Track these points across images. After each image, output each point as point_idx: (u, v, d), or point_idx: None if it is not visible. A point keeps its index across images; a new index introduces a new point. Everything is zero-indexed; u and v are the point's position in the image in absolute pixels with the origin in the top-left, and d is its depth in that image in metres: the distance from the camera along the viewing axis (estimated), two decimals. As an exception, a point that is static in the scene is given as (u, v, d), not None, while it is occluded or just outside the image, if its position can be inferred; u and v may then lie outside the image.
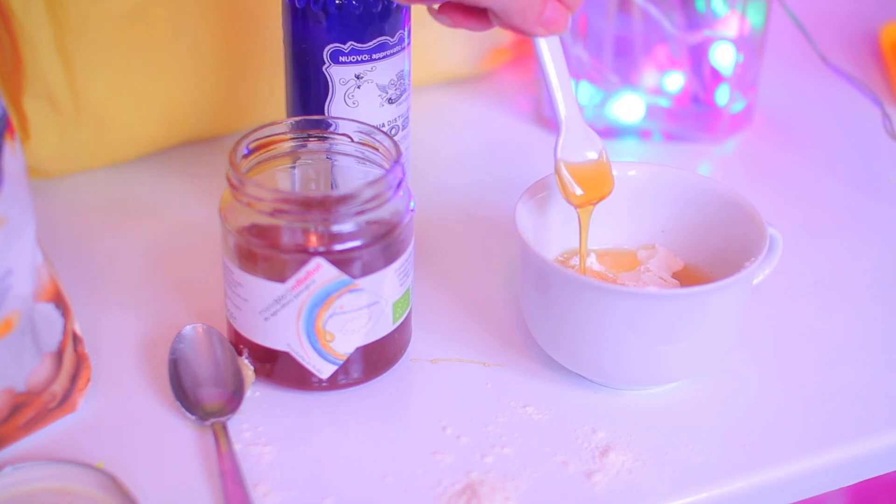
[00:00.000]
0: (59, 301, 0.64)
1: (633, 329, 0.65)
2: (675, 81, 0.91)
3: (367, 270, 0.65)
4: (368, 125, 0.69)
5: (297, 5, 0.72)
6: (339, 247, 0.64)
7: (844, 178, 0.90)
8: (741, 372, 0.71)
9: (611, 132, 0.92)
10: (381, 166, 0.68)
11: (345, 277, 0.64)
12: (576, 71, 0.90)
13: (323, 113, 0.74)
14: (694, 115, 0.92)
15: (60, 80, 0.82)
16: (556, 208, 0.72)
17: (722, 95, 0.92)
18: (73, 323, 0.66)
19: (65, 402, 0.66)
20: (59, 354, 0.65)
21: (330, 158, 0.70)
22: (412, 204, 0.67)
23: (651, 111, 0.92)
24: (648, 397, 0.69)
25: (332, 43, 0.72)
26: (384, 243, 0.65)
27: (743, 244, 0.69)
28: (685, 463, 0.65)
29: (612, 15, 0.89)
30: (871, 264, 0.81)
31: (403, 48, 0.74)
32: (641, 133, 0.93)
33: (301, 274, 0.63)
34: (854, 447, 0.67)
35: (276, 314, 0.65)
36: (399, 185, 0.66)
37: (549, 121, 0.93)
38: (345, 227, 0.64)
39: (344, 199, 0.64)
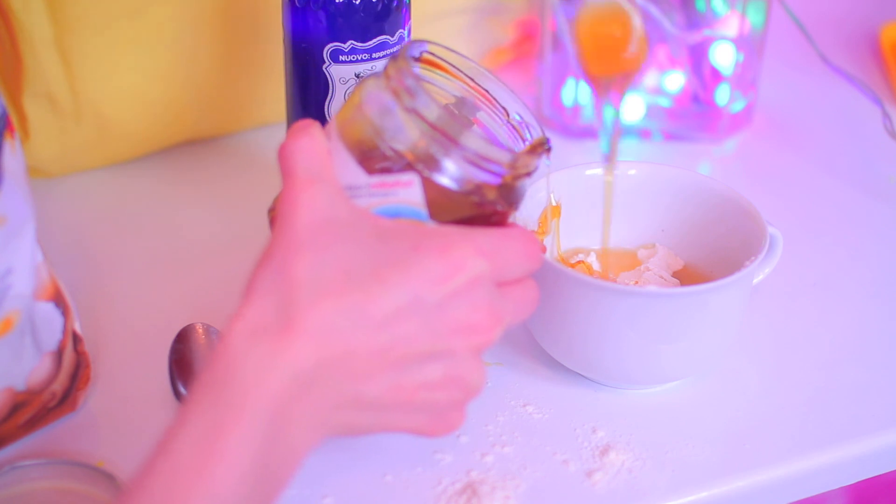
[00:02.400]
0: (59, 300, 0.64)
1: (633, 328, 0.65)
2: (675, 81, 0.91)
3: (441, 220, 0.59)
4: (531, 116, 0.64)
5: (298, 4, 0.72)
6: (447, 183, 0.59)
7: (844, 178, 0.90)
8: (741, 371, 0.71)
9: (611, 132, 0.92)
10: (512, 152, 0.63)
11: (424, 211, 0.59)
12: (576, 71, 0.90)
13: (323, 112, 0.74)
14: (694, 115, 0.92)
15: (60, 80, 0.82)
16: (556, 208, 0.72)
17: (722, 95, 0.92)
18: (73, 322, 0.66)
19: (65, 401, 0.66)
20: (58, 354, 0.65)
21: (472, 118, 0.66)
22: (513, 215, 0.63)
23: (651, 111, 0.92)
24: (649, 396, 0.69)
25: (332, 42, 0.72)
26: (477, 213, 0.60)
27: (743, 243, 0.69)
28: (685, 462, 0.65)
29: (612, 15, 0.89)
30: (871, 264, 0.81)
31: (403, 47, 0.74)
32: (641, 133, 0.93)
33: (390, 178, 0.59)
34: (854, 447, 0.67)
35: None
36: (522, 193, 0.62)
37: (549, 121, 0.93)
38: (472, 172, 0.59)
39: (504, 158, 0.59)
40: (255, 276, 0.54)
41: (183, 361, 0.69)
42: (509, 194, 0.61)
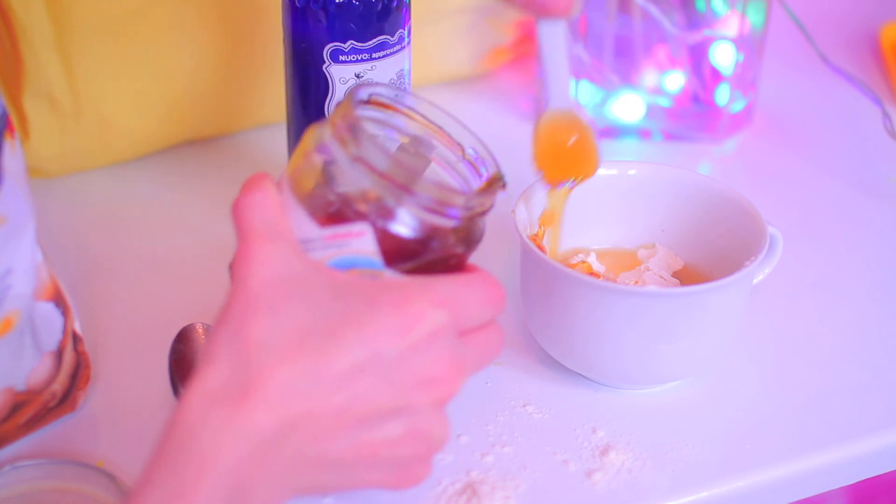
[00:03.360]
0: (59, 300, 0.64)
1: (633, 328, 0.65)
2: (675, 81, 0.91)
3: (399, 269, 0.58)
4: (486, 150, 0.63)
5: (298, 4, 0.72)
6: (402, 231, 0.58)
7: (844, 177, 0.90)
8: (741, 371, 0.71)
9: (611, 132, 0.92)
10: (470, 188, 0.63)
11: (378, 260, 0.58)
12: (576, 71, 0.90)
13: (323, 112, 0.74)
14: (694, 115, 0.92)
15: (60, 80, 0.82)
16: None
17: (722, 95, 0.92)
18: (73, 322, 0.66)
19: (65, 401, 0.66)
20: (58, 353, 0.65)
21: (429, 156, 0.63)
22: (472, 246, 0.61)
23: (651, 111, 0.92)
24: (649, 396, 0.69)
25: (332, 42, 0.72)
26: (435, 257, 0.59)
27: (743, 243, 0.69)
28: (685, 462, 0.65)
29: (612, 15, 0.89)
30: (871, 264, 0.81)
31: (403, 47, 0.74)
32: (641, 133, 0.93)
33: (342, 230, 0.58)
34: (854, 447, 0.67)
35: None
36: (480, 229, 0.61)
37: (549, 121, 0.93)
38: (427, 218, 0.58)
39: (456, 197, 0.58)
40: (212, 339, 0.53)
41: (183, 361, 0.69)
42: (467, 236, 0.60)
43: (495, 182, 0.61)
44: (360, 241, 0.57)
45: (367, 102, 0.61)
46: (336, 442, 0.53)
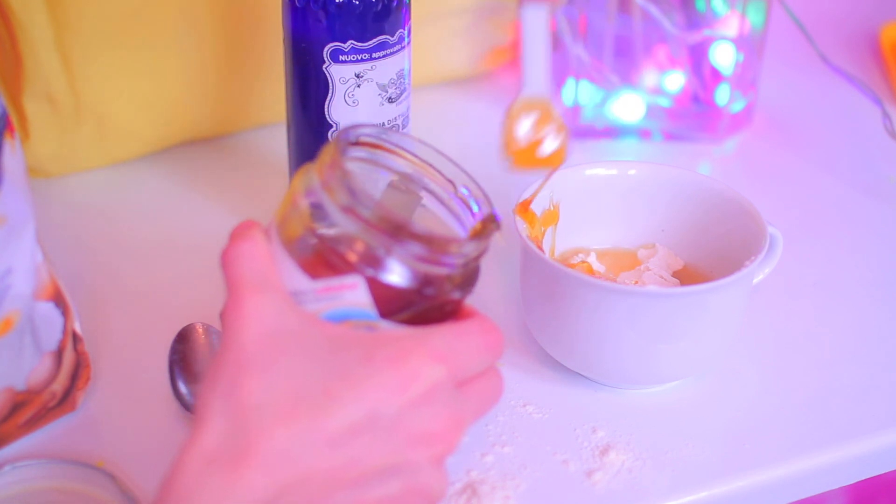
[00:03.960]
0: (59, 300, 0.64)
1: (633, 328, 0.65)
2: (675, 81, 0.91)
3: (395, 318, 0.57)
4: (478, 187, 0.61)
5: (298, 4, 0.72)
6: (394, 281, 0.56)
7: (844, 178, 0.90)
8: (741, 371, 0.71)
9: (611, 132, 0.92)
10: (463, 226, 0.61)
11: (372, 312, 0.56)
12: (576, 71, 0.90)
13: (323, 112, 0.74)
14: (694, 115, 0.92)
15: (60, 80, 0.82)
16: (556, 208, 0.72)
17: (722, 95, 0.92)
18: (73, 322, 0.66)
19: (65, 401, 0.66)
20: (58, 353, 0.65)
21: (420, 193, 0.62)
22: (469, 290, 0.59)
23: (651, 111, 0.92)
24: (648, 396, 0.69)
25: (332, 42, 0.72)
26: (431, 305, 0.58)
27: (743, 243, 0.69)
28: (685, 462, 0.65)
29: (612, 15, 0.89)
30: (871, 264, 0.81)
31: (403, 47, 0.74)
32: (641, 133, 0.93)
33: (334, 282, 0.56)
34: (854, 447, 0.67)
35: None
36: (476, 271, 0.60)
37: (549, 121, 0.93)
38: (419, 267, 0.56)
39: (449, 244, 0.56)
40: (205, 397, 0.52)
41: (183, 361, 0.69)
42: (463, 281, 0.58)
43: (488, 224, 0.59)
44: (354, 294, 0.56)
45: (356, 143, 0.60)
46: (334, 501, 0.53)
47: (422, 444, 0.54)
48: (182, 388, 0.67)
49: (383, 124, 0.73)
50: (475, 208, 0.61)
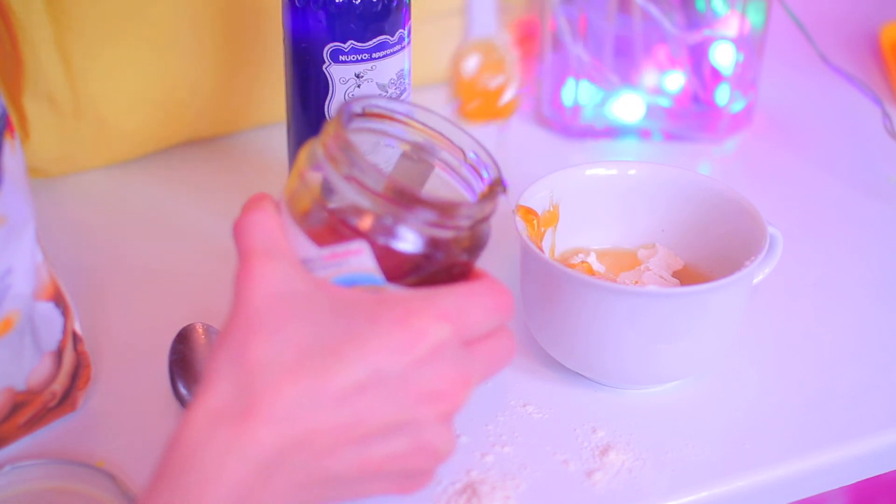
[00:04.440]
0: (59, 300, 0.64)
1: (633, 328, 0.65)
2: (675, 81, 0.91)
3: (403, 282, 0.58)
4: (486, 153, 0.61)
5: (298, 4, 0.72)
6: (403, 247, 0.57)
7: (844, 178, 0.90)
8: (741, 371, 0.71)
9: (611, 132, 0.92)
10: (473, 191, 0.62)
11: (379, 276, 0.57)
12: (576, 71, 0.90)
13: (323, 112, 0.74)
14: (694, 115, 0.92)
15: (60, 80, 0.82)
16: (556, 208, 0.72)
17: (722, 95, 0.92)
18: (73, 322, 0.66)
19: (65, 401, 0.66)
20: (58, 353, 0.65)
21: (433, 162, 0.63)
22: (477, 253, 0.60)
23: (651, 111, 0.92)
24: (648, 396, 0.69)
25: (332, 42, 0.72)
26: (439, 268, 0.58)
27: (743, 243, 0.69)
28: (685, 462, 0.65)
29: (612, 15, 0.89)
30: (871, 264, 0.81)
31: (404, 47, 0.74)
32: (641, 133, 0.93)
33: (340, 249, 0.57)
34: (854, 447, 0.67)
35: None
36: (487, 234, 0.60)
37: (549, 121, 0.93)
38: (428, 231, 0.57)
39: (455, 208, 0.57)
40: (213, 359, 0.53)
41: (183, 361, 0.69)
42: (471, 244, 0.59)
43: (496, 187, 0.60)
44: (359, 259, 0.57)
45: (362, 115, 0.60)
46: (340, 459, 0.53)
47: (427, 402, 0.54)
48: (182, 388, 0.67)
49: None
50: (484, 174, 0.62)
